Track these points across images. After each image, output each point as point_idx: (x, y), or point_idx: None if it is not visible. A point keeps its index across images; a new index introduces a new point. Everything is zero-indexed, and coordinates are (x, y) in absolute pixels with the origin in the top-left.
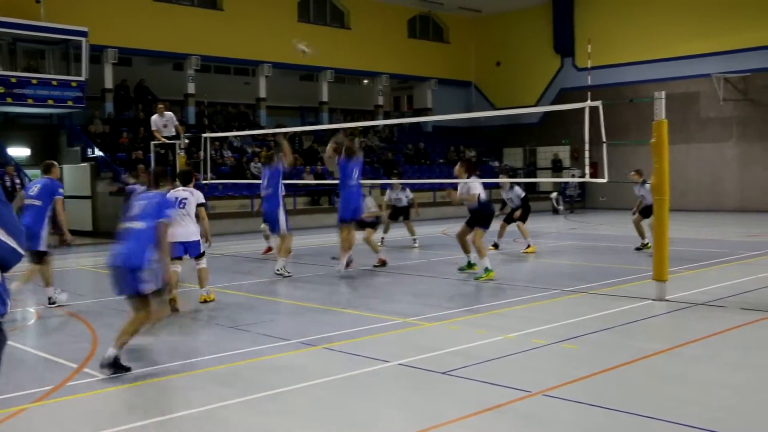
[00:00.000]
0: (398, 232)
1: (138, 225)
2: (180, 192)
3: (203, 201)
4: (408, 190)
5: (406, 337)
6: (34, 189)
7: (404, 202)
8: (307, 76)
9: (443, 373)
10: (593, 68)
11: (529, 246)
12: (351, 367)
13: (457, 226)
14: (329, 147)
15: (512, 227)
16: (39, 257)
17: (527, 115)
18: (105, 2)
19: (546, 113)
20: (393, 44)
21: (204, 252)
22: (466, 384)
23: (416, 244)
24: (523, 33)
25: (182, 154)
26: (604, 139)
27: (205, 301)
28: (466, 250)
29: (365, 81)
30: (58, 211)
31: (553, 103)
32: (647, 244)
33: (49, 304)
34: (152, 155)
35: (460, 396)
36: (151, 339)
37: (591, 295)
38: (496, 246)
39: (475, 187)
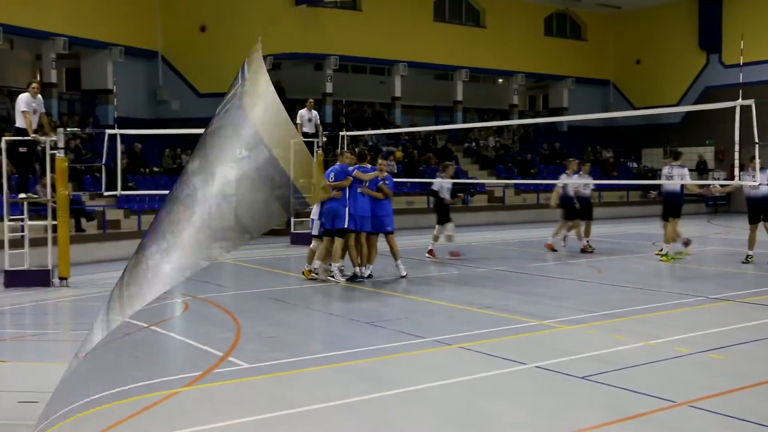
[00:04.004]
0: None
1: None
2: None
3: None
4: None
5: (542, 340)
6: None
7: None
8: (442, 75)
9: (582, 377)
10: (744, 65)
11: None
12: (487, 368)
13: (597, 228)
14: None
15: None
16: (340, 234)
17: (668, 115)
18: (252, 10)
19: (687, 113)
20: (529, 43)
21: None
22: (606, 390)
23: (592, 249)
24: (665, 29)
25: (320, 152)
26: (756, 140)
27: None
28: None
29: (500, 80)
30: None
31: (696, 102)
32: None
33: (329, 276)
34: None
35: (599, 402)
36: None
37: (739, 303)
38: (687, 243)
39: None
